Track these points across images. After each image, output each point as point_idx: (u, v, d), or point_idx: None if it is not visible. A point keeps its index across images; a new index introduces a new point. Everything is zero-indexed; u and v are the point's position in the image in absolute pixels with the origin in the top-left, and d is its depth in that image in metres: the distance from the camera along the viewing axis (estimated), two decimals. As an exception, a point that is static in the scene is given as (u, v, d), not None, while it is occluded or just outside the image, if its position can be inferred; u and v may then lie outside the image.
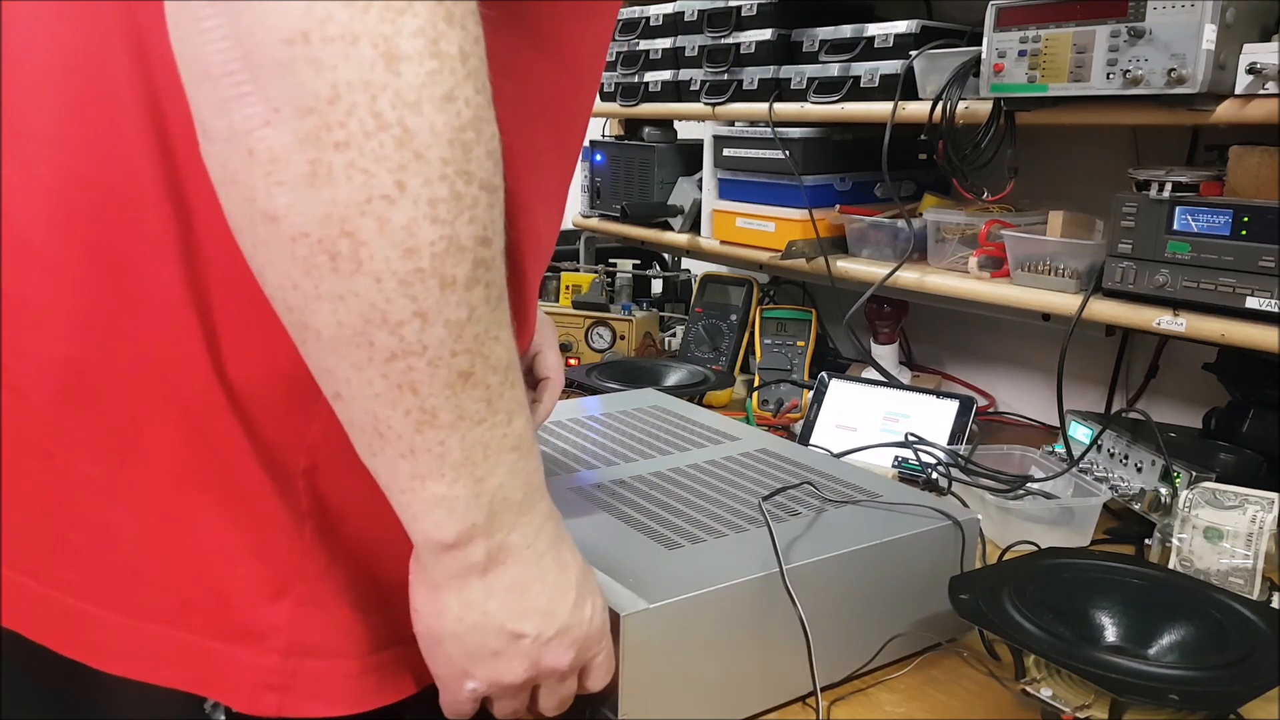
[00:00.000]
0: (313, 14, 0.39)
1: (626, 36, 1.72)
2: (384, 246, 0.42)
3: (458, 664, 0.56)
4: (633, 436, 1.00)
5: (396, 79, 0.40)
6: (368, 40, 0.40)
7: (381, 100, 0.40)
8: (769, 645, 0.71)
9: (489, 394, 0.48)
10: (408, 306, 0.44)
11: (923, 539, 0.79)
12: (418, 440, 0.48)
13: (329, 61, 0.39)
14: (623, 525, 0.77)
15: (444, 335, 0.45)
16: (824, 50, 1.40)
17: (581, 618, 0.58)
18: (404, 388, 0.46)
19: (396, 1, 0.40)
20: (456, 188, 0.43)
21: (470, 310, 0.46)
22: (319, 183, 0.41)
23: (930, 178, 1.48)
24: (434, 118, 0.41)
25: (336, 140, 0.40)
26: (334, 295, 0.44)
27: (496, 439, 0.50)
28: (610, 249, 2.00)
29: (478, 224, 0.44)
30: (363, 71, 0.40)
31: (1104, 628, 0.73)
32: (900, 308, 1.51)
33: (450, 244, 0.44)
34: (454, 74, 0.42)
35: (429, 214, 0.43)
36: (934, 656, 0.80)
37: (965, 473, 1.09)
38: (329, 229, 0.42)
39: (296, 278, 0.44)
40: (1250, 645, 0.68)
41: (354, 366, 0.46)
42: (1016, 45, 1.11)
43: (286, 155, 0.41)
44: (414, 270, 0.43)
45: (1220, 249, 1.00)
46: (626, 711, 0.64)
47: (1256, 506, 0.87)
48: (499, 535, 0.52)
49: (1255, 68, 0.95)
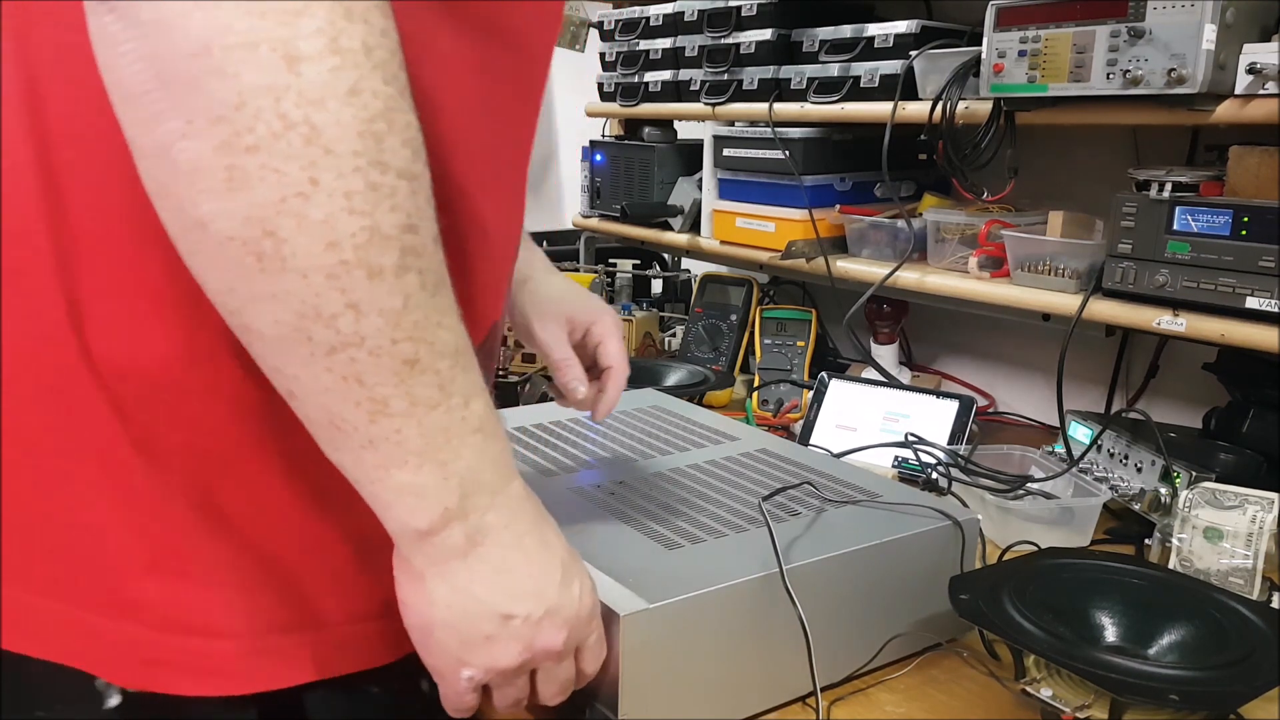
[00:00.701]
0: (213, 26, 0.40)
1: (626, 36, 1.73)
2: (305, 242, 0.44)
3: (452, 653, 0.56)
4: (633, 436, 1.00)
5: (299, 79, 0.42)
6: (267, 45, 0.41)
7: (286, 101, 0.42)
8: (769, 645, 0.71)
9: (440, 379, 0.49)
10: (339, 299, 0.45)
11: (923, 539, 0.79)
12: (374, 430, 0.49)
13: (232, 69, 0.41)
14: (623, 525, 0.77)
15: (381, 324, 0.46)
16: (824, 50, 1.40)
17: (570, 596, 0.58)
18: (350, 379, 0.47)
19: (293, 4, 0.41)
20: (371, 178, 0.44)
21: (405, 298, 0.46)
22: (237, 186, 0.42)
23: (930, 178, 1.48)
24: (340, 112, 0.43)
25: (247, 144, 0.42)
26: (267, 295, 0.45)
27: (455, 422, 0.51)
28: (610, 249, 2.00)
29: (400, 212, 0.45)
30: (265, 75, 0.41)
31: (1104, 628, 0.73)
32: (900, 308, 1.51)
33: (372, 234, 0.44)
34: (358, 68, 0.43)
35: (346, 206, 0.44)
36: (934, 656, 0.80)
37: (965, 473, 1.09)
38: (252, 230, 0.43)
39: (231, 281, 0.45)
40: (1250, 645, 0.68)
41: (299, 363, 0.47)
42: (1016, 45, 1.11)
43: (205, 164, 0.42)
44: (339, 263, 0.44)
45: (1220, 249, 1.00)
46: (626, 711, 0.64)
47: (1256, 506, 0.87)
48: (474, 517, 0.53)
49: (1255, 68, 0.95)
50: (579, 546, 0.61)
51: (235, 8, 0.41)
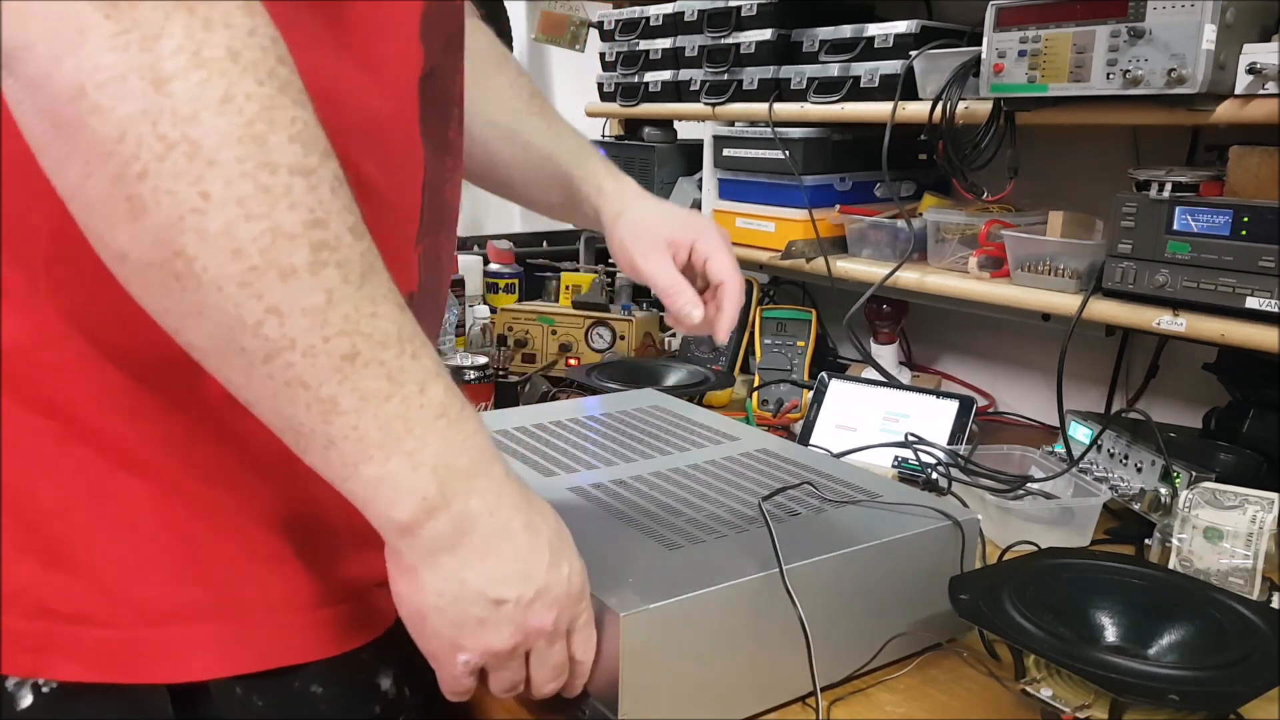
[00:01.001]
0: (83, 68, 0.42)
1: (626, 36, 1.73)
2: (212, 255, 0.44)
3: (446, 637, 0.56)
4: (633, 436, 1.00)
5: (170, 99, 0.42)
6: (134, 74, 0.42)
7: (162, 123, 0.42)
8: (769, 645, 0.71)
9: (386, 369, 0.49)
10: (258, 305, 0.45)
11: (923, 539, 0.79)
12: (331, 430, 0.49)
13: (108, 104, 0.42)
14: (623, 525, 0.77)
15: (307, 324, 0.46)
16: (824, 50, 1.40)
17: (559, 577, 0.58)
18: (293, 384, 0.47)
19: (151, 29, 0.42)
20: (261, 180, 0.44)
21: (327, 293, 0.47)
22: (138, 214, 0.44)
23: (930, 178, 1.48)
24: (215, 122, 0.43)
25: (137, 172, 0.43)
26: (193, 312, 0.46)
27: (413, 411, 0.50)
28: (610, 249, 2.00)
29: (300, 209, 0.45)
30: (137, 103, 0.42)
31: (1104, 628, 0.73)
32: (900, 308, 1.51)
33: (275, 235, 0.45)
34: (225, 75, 0.43)
35: (241, 213, 0.44)
36: (934, 656, 0.80)
37: (965, 473, 1.08)
38: (163, 252, 0.44)
39: (162, 303, 0.47)
40: (1250, 645, 0.68)
41: (241, 374, 0.48)
42: (1016, 45, 1.11)
43: (108, 198, 0.44)
44: (248, 270, 0.45)
45: (1220, 249, 1.00)
46: (626, 711, 0.64)
47: (1256, 506, 0.87)
48: (457, 503, 0.53)
49: (1255, 68, 0.95)
50: (579, 546, 0.61)
51: (99, 45, 0.42)
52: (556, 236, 2.20)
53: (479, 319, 1.59)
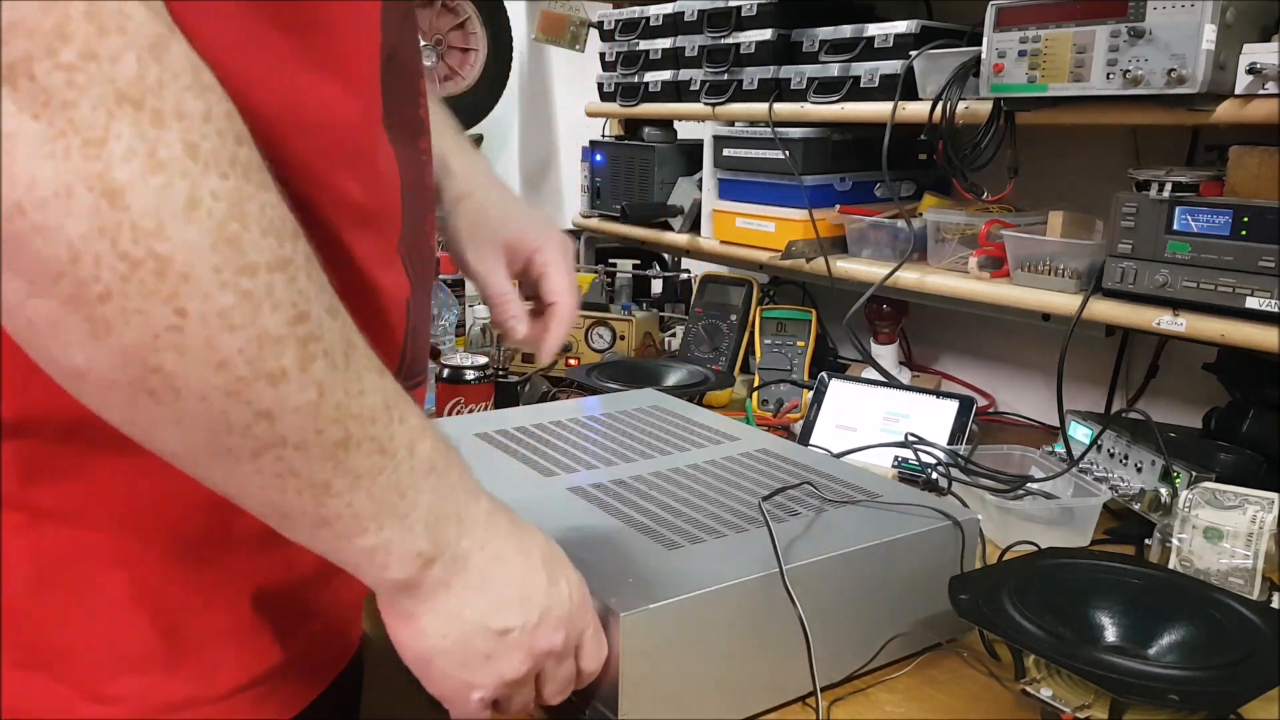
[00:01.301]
0: (17, 183, 0.36)
1: (626, 36, 1.73)
2: (193, 369, 0.40)
3: (456, 678, 0.55)
4: (633, 436, 1.00)
5: (127, 213, 0.37)
6: (81, 185, 0.37)
7: (122, 240, 0.38)
8: (769, 645, 0.71)
9: (377, 444, 0.47)
10: (246, 411, 0.42)
11: (923, 539, 0.79)
12: (324, 512, 0.47)
13: (53, 223, 0.37)
14: (623, 525, 0.77)
15: (299, 421, 0.43)
16: (824, 50, 1.40)
17: (559, 595, 0.57)
18: (284, 475, 0.45)
19: (94, 130, 0.37)
20: (242, 287, 0.40)
21: (319, 388, 0.44)
22: (102, 335, 0.39)
23: (930, 178, 1.48)
24: (183, 233, 0.39)
25: (98, 294, 0.38)
26: (170, 422, 0.42)
27: (404, 476, 0.49)
28: (610, 249, 2.00)
29: (283, 307, 0.42)
30: (89, 220, 0.37)
31: (1104, 628, 0.73)
32: (900, 308, 1.51)
33: (260, 341, 0.41)
34: (186, 176, 0.39)
35: (223, 325, 0.40)
36: (934, 656, 0.80)
37: (965, 473, 1.08)
38: (133, 370, 0.40)
39: (128, 415, 0.42)
40: (1250, 645, 0.68)
41: (224, 472, 0.45)
42: (1016, 45, 1.11)
43: (61, 319, 0.39)
44: (234, 380, 0.41)
45: (1220, 249, 1.00)
46: (626, 711, 0.64)
47: (1256, 506, 0.87)
48: (449, 549, 0.52)
49: (1255, 68, 0.95)
50: (579, 547, 0.61)
51: (34, 154, 0.36)
52: (556, 236, 2.20)
53: (479, 319, 1.59)
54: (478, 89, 2.66)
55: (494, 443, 0.97)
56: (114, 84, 0.37)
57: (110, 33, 0.37)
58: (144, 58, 0.38)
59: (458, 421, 1.14)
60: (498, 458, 0.93)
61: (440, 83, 2.61)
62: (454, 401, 1.30)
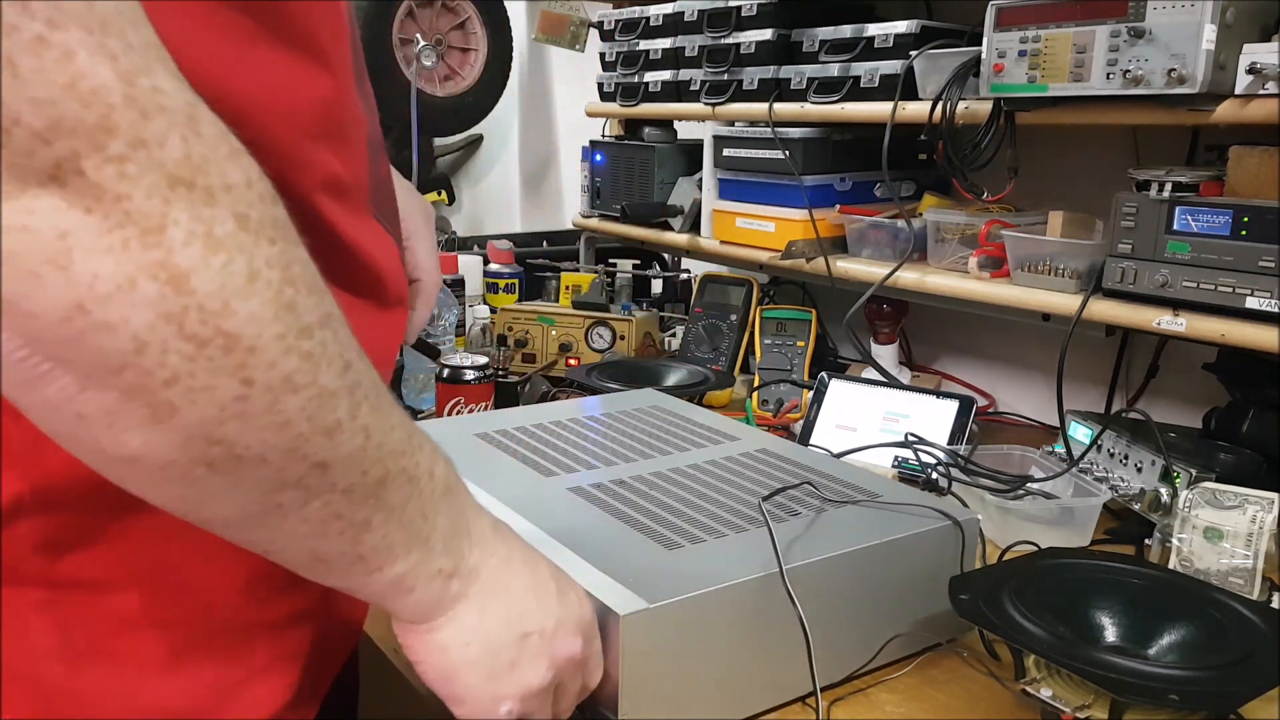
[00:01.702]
0: (79, 283, 0.35)
1: (626, 36, 1.73)
2: (255, 434, 0.40)
3: (483, 690, 0.55)
4: (633, 436, 1.00)
5: (192, 296, 0.37)
6: (144, 276, 0.36)
7: (189, 323, 0.37)
8: (769, 645, 0.71)
9: (406, 474, 0.48)
10: (302, 465, 0.42)
11: (923, 539, 0.79)
12: (361, 549, 0.47)
13: (118, 318, 0.36)
14: (623, 525, 0.77)
15: (348, 467, 0.44)
16: (824, 50, 1.40)
17: (570, 604, 0.59)
18: (329, 520, 0.45)
19: (151, 217, 0.36)
20: (304, 349, 0.41)
21: (365, 432, 0.44)
22: (164, 418, 0.38)
23: (930, 178, 1.48)
24: (247, 306, 0.38)
25: (164, 379, 0.37)
26: (224, 491, 0.42)
27: (428, 500, 0.50)
28: (610, 249, 2.00)
29: (336, 362, 0.42)
30: (155, 308, 0.36)
31: (1104, 628, 0.73)
32: (900, 308, 1.51)
33: (320, 398, 0.42)
34: (243, 250, 0.38)
35: (287, 387, 0.40)
36: (934, 656, 0.80)
37: (965, 473, 1.08)
38: (194, 450, 0.39)
39: (180, 493, 0.42)
40: (1250, 645, 0.68)
41: (271, 529, 0.45)
42: (1016, 45, 1.11)
43: (119, 409, 0.38)
44: (295, 437, 0.41)
45: (1220, 249, 1.00)
46: (626, 711, 0.64)
47: (1256, 506, 0.87)
48: (464, 562, 0.53)
49: (1255, 68, 0.95)
50: (579, 547, 0.61)
51: (92, 250, 0.35)
52: (556, 236, 2.20)
53: (479, 319, 1.59)
54: (478, 89, 2.66)
55: (494, 443, 0.97)
56: (165, 169, 0.36)
57: (152, 115, 0.36)
58: (187, 136, 0.37)
59: (458, 421, 1.14)
60: (498, 458, 0.93)
61: (440, 83, 2.61)
62: (454, 401, 1.30)
